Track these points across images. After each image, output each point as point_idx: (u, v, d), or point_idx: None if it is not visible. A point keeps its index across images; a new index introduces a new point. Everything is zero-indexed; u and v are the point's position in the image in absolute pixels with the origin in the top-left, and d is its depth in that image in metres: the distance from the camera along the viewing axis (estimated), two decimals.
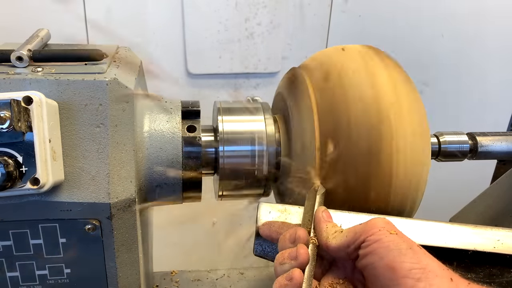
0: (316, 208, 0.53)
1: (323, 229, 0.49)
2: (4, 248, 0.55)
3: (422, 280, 0.38)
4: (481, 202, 0.90)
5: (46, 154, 0.49)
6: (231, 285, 0.91)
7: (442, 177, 1.14)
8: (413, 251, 0.41)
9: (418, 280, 0.38)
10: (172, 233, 1.44)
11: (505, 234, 0.54)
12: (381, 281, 0.41)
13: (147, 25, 1.21)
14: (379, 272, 0.41)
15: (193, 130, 0.63)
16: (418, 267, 0.39)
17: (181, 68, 1.29)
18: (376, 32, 1.33)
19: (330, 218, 0.51)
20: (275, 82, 1.32)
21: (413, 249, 0.41)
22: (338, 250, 0.46)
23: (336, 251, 0.47)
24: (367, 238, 0.43)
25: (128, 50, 0.68)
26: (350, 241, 0.45)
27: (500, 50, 1.42)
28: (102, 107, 0.54)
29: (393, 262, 0.40)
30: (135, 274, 0.61)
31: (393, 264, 0.40)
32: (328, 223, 0.50)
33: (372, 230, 0.44)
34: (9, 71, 0.53)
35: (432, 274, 0.39)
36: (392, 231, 0.43)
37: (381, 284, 0.41)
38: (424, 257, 0.41)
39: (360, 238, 0.44)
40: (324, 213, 0.51)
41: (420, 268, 0.39)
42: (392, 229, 0.44)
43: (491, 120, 1.51)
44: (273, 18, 1.26)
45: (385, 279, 0.40)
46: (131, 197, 0.56)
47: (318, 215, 0.51)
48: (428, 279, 0.38)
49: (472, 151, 0.71)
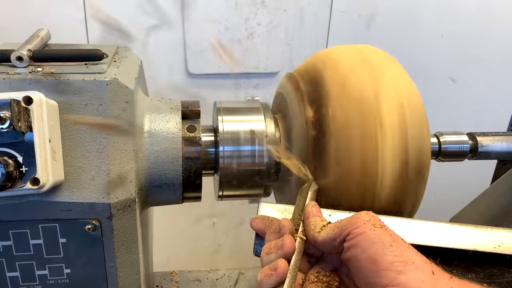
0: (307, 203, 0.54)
1: (311, 223, 0.49)
2: (4, 248, 0.55)
3: (403, 273, 0.39)
4: (481, 202, 0.90)
5: (46, 154, 0.49)
6: (231, 285, 0.91)
7: (442, 177, 1.14)
8: (396, 244, 0.41)
9: (400, 272, 0.39)
10: (172, 233, 1.44)
11: (505, 234, 0.54)
12: (363, 273, 0.41)
13: (147, 25, 1.21)
14: (361, 264, 0.41)
15: (193, 130, 0.63)
16: (400, 260, 0.40)
17: (181, 68, 1.29)
18: (376, 32, 1.33)
19: (319, 213, 0.52)
20: (275, 82, 1.33)
21: (396, 242, 0.42)
22: (324, 243, 0.47)
23: (323, 244, 0.47)
24: (351, 231, 0.44)
25: (128, 50, 0.67)
26: (336, 234, 0.45)
27: (500, 50, 1.42)
28: (102, 107, 0.54)
29: (376, 254, 0.41)
30: (135, 274, 0.61)
31: (376, 256, 0.40)
32: (317, 217, 0.50)
33: (357, 224, 0.44)
34: (9, 71, 0.53)
35: (414, 267, 0.39)
36: (377, 225, 0.44)
37: (364, 276, 0.41)
38: (407, 251, 0.41)
39: (345, 231, 0.44)
40: (314, 208, 0.52)
41: (402, 261, 0.40)
42: (378, 222, 0.44)
43: (491, 120, 1.51)
44: (273, 18, 1.26)
45: (367, 271, 0.41)
46: (131, 197, 0.56)
47: (308, 209, 0.52)
48: (410, 272, 0.39)
49: (472, 151, 0.71)
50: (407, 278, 0.38)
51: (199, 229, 1.51)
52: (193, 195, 0.66)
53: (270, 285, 0.45)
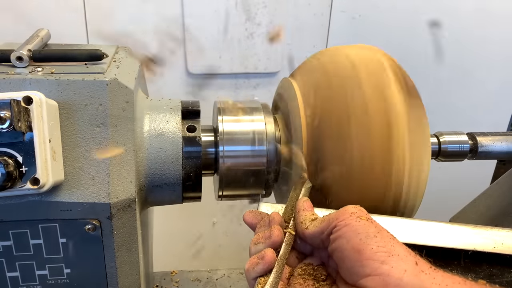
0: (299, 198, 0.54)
1: (301, 216, 0.50)
2: (4, 248, 0.55)
3: (386, 262, 0.39)
4: (481, 202, 0.90)
5: (46, 154, 0.49)
6: (231, 285, 0.91)
7: (442, 177, 1.14)
8: (380, 235, 0.41)
9: (383, 262, 0.39)
10: (172, 233, 1.44)
11: (505, 234, 0.54)
12: (347, 264, 0.41)
13: (147, 25, 1.21)
14: (345, 254, 0.42)
15: (193, 130, 0.63)
16: (384, 250, 0.40)
17: (181, 68, 1.29)
18: (376, 32, 1.33)
19: (310, 208, 0.52)
20: (275, 82, 1.32)
21: (381, 233, 0.42)
22: (312, 237, 0.47)
23: (311, 238, 0.47)
24: (338, 223, 0.44)
25: (128, 50, 0.68)
26: (324, 227, 0.45)
27: (500, 50, 1.42)
28: (102, 107, 0.54)
29: (359, 244, 0.41)
30: (135, 274, 0.61)
31: (359, 246, 0.41)
32: (308, 212, 0.51)
33: (343, 216, 0.44)
34: (9, 71, 0.53)
35: (397, 257, 0.39)
36: (363, 217, 0.44)
37: (348, 267, 0.41)
38: (391, 242, 0.41)
39: (332, 224, 0.45)
40: (305, 203, 0.52)
41: (386, 252, 0.40)
42: (364, 215, 0.44)
43: (491, 120, 1.51)
44: (273, 18, 1.26)
45: (351, 260, 0.41)
46: (131, 197, 0.56)
47: (299, 204, 0.52)
48: (393, 262, 0.39)
49: (472, 151, 0.71)
50: (390, 268, 0.39)
51: (199, 229, 1.51)
52: (193, 195, 0.66)
53: (256, 274, 0.45)
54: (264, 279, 0.45)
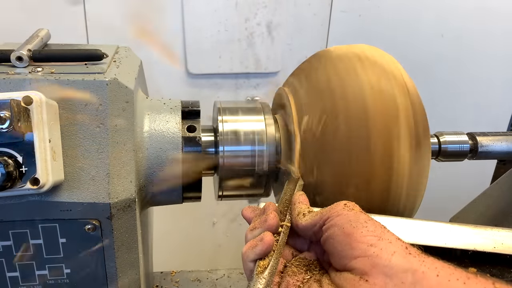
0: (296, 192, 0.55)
1: (297, 209, 0.51)
2: (4, 248, 0.55)
3: (375, 245, 0.40)
4: (481, 202, 0.90)
5: (46, 154, 0.49)
6: (231, 285, 0.91)
7: (442, 177, 1.14)
8: (372, 223, 0.43)
9: (372, 245, 0.40)
10: (172, 233, 1.44)
11: (505, 234, 0.54)
12: (338, 249, 0.42)
13: (147, 25, 1.21)
14: (337, 240, 0.43)
15: (193, 130, 0.63)
16: (373, 234, 0.41)
17: (181, 68, 1.29)
18: (376, 32, 1.33)
19: (306, 201, 0.53)
20: (275, 82, 1.33)
21: (372, 221, 0.43)
22: (306, 229, 0.48)
23: (305, 230, 0.48)
24: (330, 214, 0.45)
25: (128, 50, 0.67)
26: (317, 220, 0.46)
27: (500, 50, 1.42)
28: (102, 107, 0.54)
29: (350, 229, 0.42)
30: (135, 274, 0.61)
31: (350, 230, 0.42)
32: (303, 204, 0.52)
33: (336, 208, 0.46)
34: (9, 71, 0.53)
35: (386, 241, 0.40)
36: (356, 209, 0.45)
37: (338, 251, 0.42)
38: (382, 229, 0.42)
39: (325, 217, 0.46)
40: (301, 196, 0.54)
41: (376, 236, 0.41)
42: (356, 207, 0.46)
43: (491, 120, 1.51)
44: (273, 18, 1.26)
45: (341, 244, 0.42)
46: (131, 197, 0.56)
47: (295, 197, 0.53)
48: (382, 245, 0.40)
49: (472, 151, 0.71)
50: (379, 250, 0.39)
51: (199, 229, 1.51)
52: (193, 195, 0.66)
53: (255, 255, 0.46)
54: (263, 263, 0.45)
